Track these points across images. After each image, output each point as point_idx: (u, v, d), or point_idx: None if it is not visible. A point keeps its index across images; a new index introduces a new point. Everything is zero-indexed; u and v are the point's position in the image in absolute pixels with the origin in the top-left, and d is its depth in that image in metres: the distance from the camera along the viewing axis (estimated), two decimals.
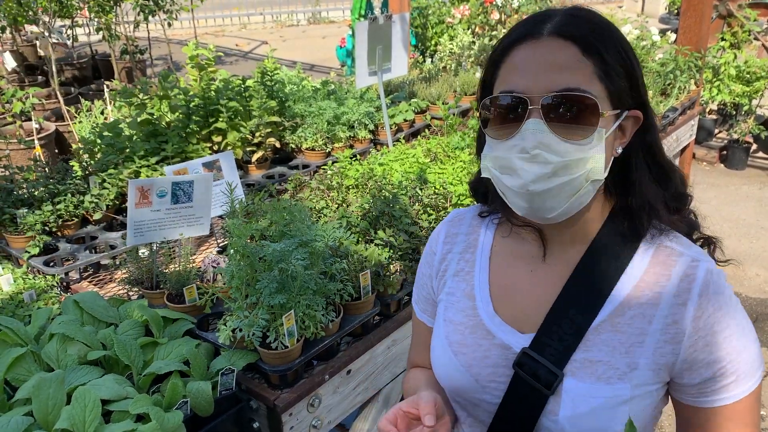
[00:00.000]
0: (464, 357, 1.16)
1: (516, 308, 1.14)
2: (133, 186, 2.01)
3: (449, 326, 1.20)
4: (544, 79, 0.98)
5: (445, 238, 1.28)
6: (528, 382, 1.07)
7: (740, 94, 6.74)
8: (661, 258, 1.08)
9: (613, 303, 1.07)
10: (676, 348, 1.03)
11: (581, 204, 1.04)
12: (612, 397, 1.03)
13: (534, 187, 0.99)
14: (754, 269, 5.12)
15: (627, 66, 1.02)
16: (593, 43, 0.99)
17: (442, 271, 1.26)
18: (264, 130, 3.22)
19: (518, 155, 0.99)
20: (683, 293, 1.04)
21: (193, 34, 8.06)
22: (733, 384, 1.04)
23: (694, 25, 4.41)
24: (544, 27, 1.00)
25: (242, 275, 1.79)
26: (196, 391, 1.63)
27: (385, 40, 3.35)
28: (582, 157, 0.99)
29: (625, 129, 1.06)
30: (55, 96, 6.11)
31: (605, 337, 1.05)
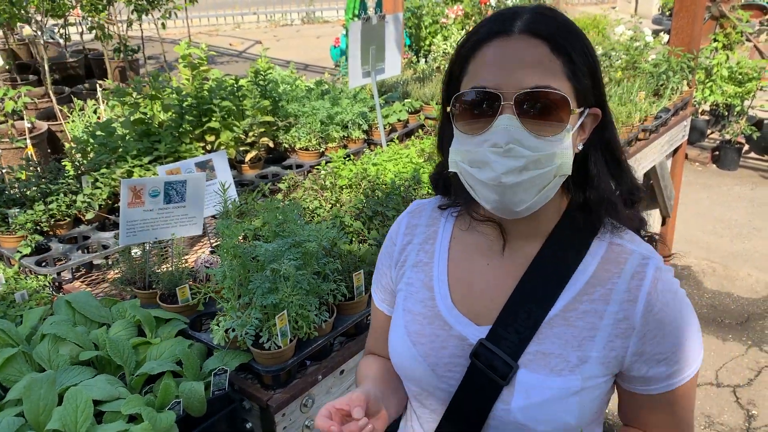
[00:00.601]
0: (422, 347, 1.18)
1: (473, 301, 1.17)
2: (126, 186, 2.00)
3: (408, 316, 1.22)
4: (515, 76, 1.00)
5: (405, 229, 1.30)
6: (484, 373, 1.10)
7: (732, 95, 6.77)
8: (613, 255, 1.11)
9: (567, 297, 1.10)
10: (625, 342, 1.07)
11: (547, 198, 1.06)
12: (563, 388, 1.06)
13: (506, 179, 1.01)
14: (746, 269, 5.15)
15: (591, 65, 1.05)
16: (562, 42, 1.02)
17: (401, 261, 1.27)
18: (257, 129, 3.22)
19: (491, 149, 1.01)
20: (633, 290, 1.07)
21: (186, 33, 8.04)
22: (677, 372, 1.09)
23: (687, 26, 4.43)
24: (515, 24, 1.02)
25: (234, 275, 1.79)
26: (189, 392, 1.63)
27: (379, 40, 3.35)
28: (553, 152, 1.01)
29: (585, 126, 1.09)
30: (48, 95, 6.08)
31: (558, 330, 1.09)
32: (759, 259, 5.29)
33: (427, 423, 1.23)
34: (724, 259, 5.32)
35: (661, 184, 4.44)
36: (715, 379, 3.97)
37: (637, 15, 5.50)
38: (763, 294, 4.84)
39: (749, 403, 3.76)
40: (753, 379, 3.97)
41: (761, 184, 6.70)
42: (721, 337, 4.37)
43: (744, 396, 3.82)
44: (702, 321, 4.55)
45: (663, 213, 4.74)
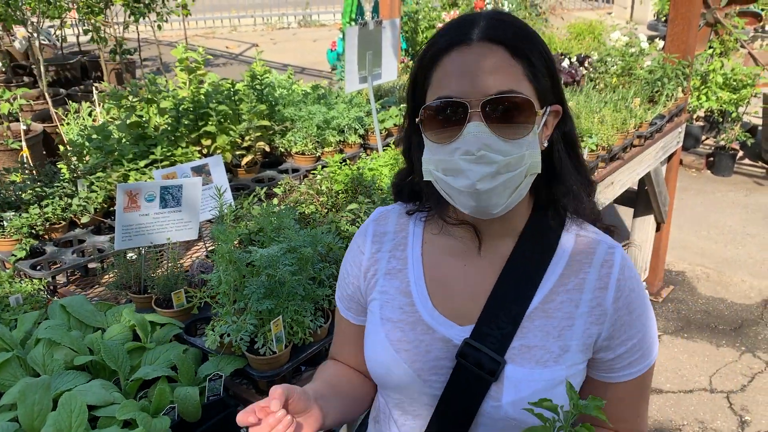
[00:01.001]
0: (407, 354, 1.18)
1: (453, 302, 1.18)
2: (122, 190, 2.00)
3: (387, 324, 1.21)
4: (479, 83, 1.03)
5: (372, 237, 1.29)
6: (471, 371, 1.12)
7: (727, 102, 6.80)
8: (582, 246, 1.16)
9: (544, 291, 1.14)
10: (600, 328, 1.12)
11: (520, 197, 1.10)
12: (550, 379, 1.10)
13: (481, 185, 1.04)
14: (740, 275, 5.17)
15: (548, 65, 1.09)
16: (520, 46, 1.05)
17: (372, 270, 1.27)
18: (254, 134, 3.22)
19: (463, 157, 1.04)
20: (604, 278, 1.13)
21: (183, 35, 8.03)
22: (638, 360, 1.15)
23: (682, 32, 4.45)
24: (473, 32, 1.05)
25: (230, 281, 1.79)
26: (184, 397, 1.63)
27: (376, 45, 3.36)
28: (522, 154, 1.04)
29: (548, 123, 1.13)
30: (43, 97, 6.06)
31: (539, 323, 1.12)
32: (753, 265, 5.32)
33: (411, 428, 1.24)
34: (718, 264, 5.34)
35: (656, 190, 4.45)
36: (708, 384, 3.98)
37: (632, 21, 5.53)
38: (756, 300, 4.86)
39: (742, 409, 3.78)
40: (746, 385, 3.98)
41: (755, 191, 6.73)
42: (714, 342, 4.38)
43: (737, 402, 3.83)
44: (696, 327, 4.57)
45: (658, 219, 4.76)
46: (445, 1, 7.20)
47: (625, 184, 3.92)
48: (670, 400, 3.86)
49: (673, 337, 4.46)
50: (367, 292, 1.28)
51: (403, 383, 1.19)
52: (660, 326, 4.58)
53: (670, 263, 5.32)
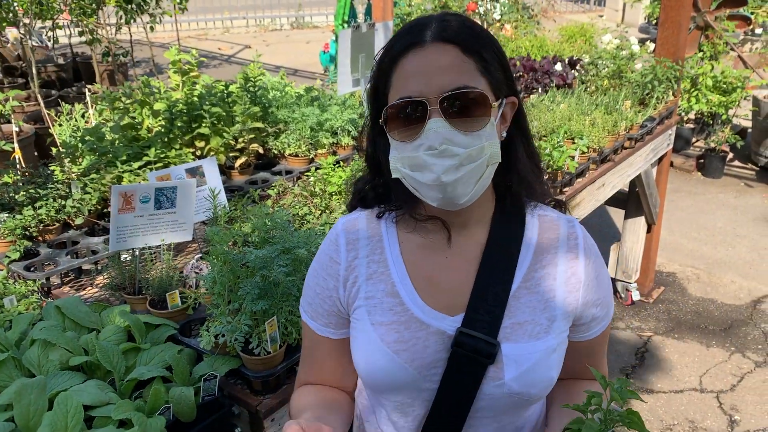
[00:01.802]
0: (406, 353, 1.18)
1: (441, 295, 1.22)
2: (117, 192, 2.01)
3: (380, 329, 1.20)
4: (436, 81, 1.08)
5: (346, 245, 1.27)
6: (468, 358, 1.16)
7: (717, 104, 6.86)
8: (546, 225, 1.26)
9: (522, 270, 1.22)
10: (576, 295, 1.22)
11: (484, 187, 1.15)
12: (545, 350, 1.18)
13: (446, 178, 1.09)
14: (729, 276, 5.22)
15: (500, 59, 1.15)
16: (471, 43, 1.11)
17: (352, 278, 1.25)
18: (247, 135, 3.23)
19: (427, 152, 1.09)
20: (573, 249, 1.24)
21: (175, 36, 8.03)
22: (605, 315, 1.28)
23: (672, 36, 4.49)
24: (426, 34, 1.11)
25: (224, 281, 1.80)
26: (179, 397, 1.64)
27: (368, 47, 3.38)
28: (482, 145, 1.10)
29: (506, 115, 1.19)
30: (35, 98, 6.04)
31: (524, 300, 1.20)
32: (742, 266, 5.36)
33: (410, 426, 1.26)
34: (708, 266, 5.38)
35: (646, 191, 4.49)
36: (698, 384, 4.02)
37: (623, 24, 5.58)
38: (746, 301, 4.90)
39: (732, 408, 3.81)
40: (736, 384, 4.02)
41: (745, 192, 6.79)
42: (704, 343, 4.42)
43: (727, 401, 3.87)
44: (686, 327, 4.60)
45: (648, 220, 4.80)
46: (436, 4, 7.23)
47: (616, 186, 3.95)
48: (660, 399, 3.89)
49: (664, 337, 4.49)
50: (348, 302, 1.25)
51: (404, 384, 1.20)
52: (651, 327, 4.62)
53: (661, 264, 5.36)
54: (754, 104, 7.05)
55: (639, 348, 4.38)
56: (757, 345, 4.39)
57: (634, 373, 4.12)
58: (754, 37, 9.38)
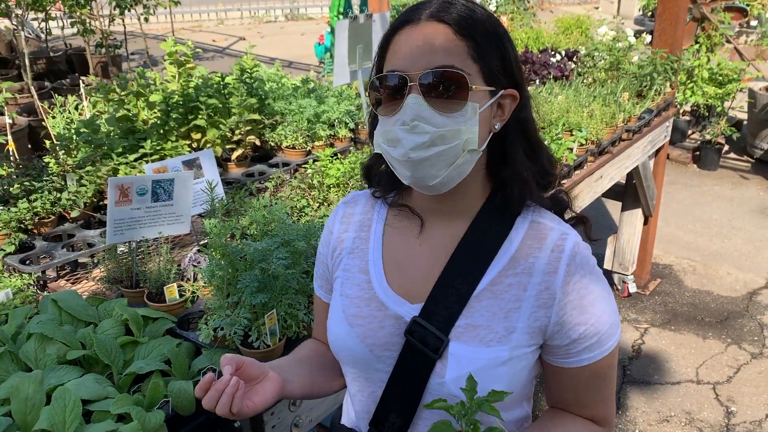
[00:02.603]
0: (360, 328, 1.23)
1: (407, 281, 1.22)
2: (113, 184, 1.99)
3: (346, 300, 1.27)
4: (421, 59, 1.07)
5: (342, 218, 1.35)
6: (418, 348, 1.16)
7: (713, 96, 6.86)
8: (534, 232, 1.18)
9: (493, 272, 1.16)
10: (548, 312, 1.14)
11: (461, 174, 1.12)
12: (492, 358, 1.13)
13: (414, 155, 1.08)
14: (725, 268, 5.23)
15: (500, 49, 1.12)
16: (465, 26, 1.08)
17: (339, 249, 1.32)
18: (244, 127, 3.21)
19: (400, 127, 1.09)
20: (553, 262, 1.14)
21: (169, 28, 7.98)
22: (596, 344, 1.16)
23: (669, 27, 4.48)
24: (423, 12, 1.10)
25: (223, 274, 1.79)
26: (178, 391, 1.63)
27: (366, 39, 3.36)
28: (457, 129, 1.08)
29: (504, 107, 1.15)
30: (28, 90, 5.99)
31: (485, 303, 1.15)
32: (738, 258, 5.38)
33: (365, 405, 1.28)
34: (704, 258, 5.40)
35: (643, 184, 4.49)
36: (695, 376, 4.03)
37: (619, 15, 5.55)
38: (742, 293, 4.92)
39: (728, 399, 3.83)
40: (732, 376, 4.03)
41: (741, 184, 6.81)
42: (701, 335, 4.43)
43: (723, 393, 3.88)
44: (683, 319, 4.61)
45: (645, 212, 4.80)
46: None
47: (614, 178, 3.95)
48: (657, 391, 3.90)
49: (660, 329, 4.50)
50: (333, 270, 1.33)
51: (357, 358, 1.24)
52: (647, 319, 4.63)
53: (658, 256, 5.37)
54: (750, 96, 7.05)
55: (635, 340, 4.39)
56: (753, 336, 4.40)
57: (630, 365, 4.13)
58: (749, 29, 9.38)
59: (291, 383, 1.26)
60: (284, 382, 1.23)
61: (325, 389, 1.39)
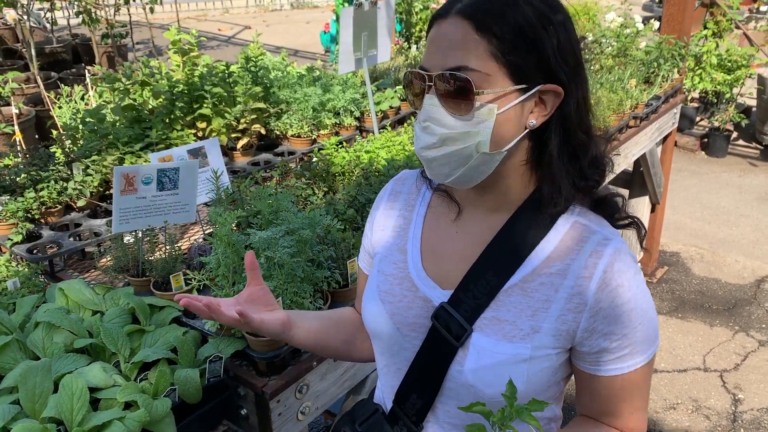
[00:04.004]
0: (390, 305, 1.25)
1: (440, 265, 1.22)
2: (119, 173, 1.99)
3: (381, 276, 1.29)
4: (440, 57, 1.06)
5: (389, 195, 1.37)
6: (442, 334, 1.16)
7: (721, 83, 6.80)
8: (575, 233, 1.14)
9: (526, 269, 1.14)
10: (577, 317, 1.11)
11: (482, 173, 1.11)
12: (513, 354, 1.11)
13: (425, 153, 1.10)
14: (733, 255, 5.21)
15: (534, 42, 1.04)
16: (488, 21, 1.03)
17: (381, 226, 1.35)
18: (249, 116, 3.20)
19: (418, 125, 1.11)
20: (590, 267, 1.11)
21: (175, 18, 7.96)
22: (627, 356, 1.12)
23: (678, 13, 4.43)
24: (453, 7, 1.07)
25: (229, 263, 1.79)
26: (184, 379, 1.64)
27: (371, 26, 3.34)
28: (468, 131, 1.06)
29: (546, 102, 1.09)
30: (35, 80, 6.00)
31: (514, 299, 1.13)
32: (746, 246, 5.35)
33: (390, 380, 1.30)
34: (712, 245, 5.37)
35: (651, 171, 4.46)
36: (702, 363, 4.02)
37: (627, 2, 5.50)
38: (749, 280, 4.90)
39: (736, 387, 3.82)
40: (740, 363, 4.03)
41: (749, 171, 6.76)
42: (708, 322, 4.42)
43: (731, 380, 3.88)
44: (690, 307, 4.60)
45: (653, 200, 4.77)
46: None
47: (621, 165, 3.92)
48: (664, 379, 3.89)
49: (668, 317, 4.49)
50: (374, 246, 1.35)
51: (385, 334, 1.26)
52: (655, 306, 4.62)
53: (665, 244, 5.35)
54: (759, 83, 6.99)
55: None
56: (761, 324, 4.39)
57: None
58: (759, 15, 9.28)
59: (298, 328, 1.30)
60: (290, 322, 1.28)
61: (333, 351, 1.43)
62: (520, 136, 1.09)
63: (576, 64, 1.10)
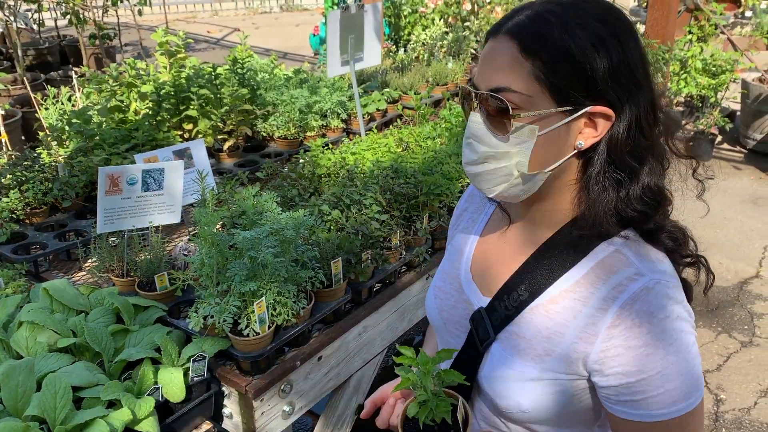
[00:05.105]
0: (439, 301, 1.34)
1: (485, 272, 1.27)
2: (104, 173, 2.00)
3: (440, 273, 1.38)
4: (485, 76, 1.07)
5: (467, 197, 1.43)
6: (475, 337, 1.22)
7: (706, 87, 6.86)
8: (610, 263, 1.10)
9: (555, 291, 1.13)
10: (588, 348, 1.07)
11: (526, 191, 1.11)
12: (520, 372, 1.13)
13: (469, 168, 1.14)
14: (717, 258, 5.26)
15: (581, 65, 1.01)
16: (534, 43, 1.01)
17: (456, 224, 1.42)
18: (235, 118, 3.21)
19: (463, 140, 1.14)
20: (608, 300, 1.06)
21: (163, 20, 7.95)
22: (641, 403, 1.04)
23: (662, 18, 4.49)
24: (504, 25, 1.06)
25: (213, 263, 1.80)
26: (168, 378, 1.65)
27: (358, 29, 3.36)
28: (507, 151, 1.07)
29: (597, 124, 1.05)
30: (21, 81, 5.98)
31: (536, 318, 1.14)
32: (729, 248, 5.40)
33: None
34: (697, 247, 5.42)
35: None
36: None
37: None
38: (733, 282, 4.95)
39: (718, 387, 3.86)
40: (722, 364, 4.07)
41: (733, 175, 6.83)
42: None
43: (713, 381, 3.92)
44: None
45: None
46: None
47: None
48: None
49: None
50: (449, 241, 1.43)
51: (436, 325, 1.36)
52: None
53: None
54: (743, 87, 7.06)
55: None
56: (743, 325, 4.44)
57: None
58: (743, 20, 9.38)
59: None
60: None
61: None
62: (567, 156, 1.07)
63: (632, 84, 1.04)
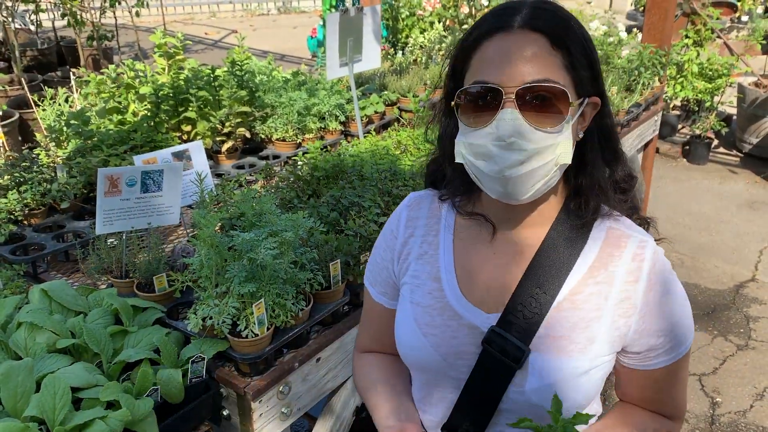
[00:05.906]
0: (433, 338, 1.21)
1: (481, 289, 1.20)
2: (103, 175, 2.00)
3: (417, 309, 1.25)
4: (517, 71, 1.03)
5: (406, 222, 1.32)
6: (496, 358, 1.14)
7: (703, 91, 6.90)
8: (613, 239, 1.17)
9: (572, 282, 1.15)
10: (628, 321, 1.14)
11: (549, 186, 1.10)
12: (573, 368, 1.12)
13: (509, 172, 1.05)
14: (713, 261, 5.28)
15: (589, 57, 1.08)
16: (561, 36, 1.04)
17: (405, 254, 1.30)
18: (234, 120, 3.22)
19: (494, 143, 1.05)
20: (635, 272, 1.14)
21: (161, 21, 7.95)
22: (671, 348, 1.17)
23: (659, 22, 4.51)
24: (515, 20, 1.05)
25: (212, 264, 1.81)
26: (167, 379, 1.65)
27: (357, 32, 3.37)
28: (552, 144, 1.05)
29: (586, 114, 1.12)
30: (19, 82, 5.97)
31: (566, 314, 1.13)
32: (725, 252, 5.43)
33: (436, 409, 1.27)
34: (692, 251, 5.44)
35: None
36: None
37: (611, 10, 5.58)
38: (728, 285, 4.97)
39: (714, 390, 3.88)
40: (718, 367, 4.08)
41: (729, 179, 6.86)
42: None
43: (709, 384, 3.93)
44: None
45: None
46: None
47: None
48: None
49: None
50: (399, 276, 1.31)
51: (429, 365, 1.24)
52: None
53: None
54: (739, 91, 7.10)
55: None
56: (739, 329, 4.45)
57: None
58: (739, 25, 9.42)
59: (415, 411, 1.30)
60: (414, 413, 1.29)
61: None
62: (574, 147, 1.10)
63: (600, 74, 1.13)
